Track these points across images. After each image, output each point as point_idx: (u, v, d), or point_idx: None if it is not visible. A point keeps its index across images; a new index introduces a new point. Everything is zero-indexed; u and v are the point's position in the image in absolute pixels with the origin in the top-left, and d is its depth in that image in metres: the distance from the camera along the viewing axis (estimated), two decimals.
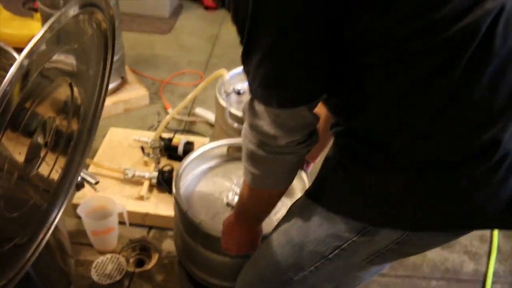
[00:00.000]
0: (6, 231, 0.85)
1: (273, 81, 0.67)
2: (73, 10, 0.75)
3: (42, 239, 0.99)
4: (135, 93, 2.42)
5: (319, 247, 0.84)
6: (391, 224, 0.76)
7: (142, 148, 1.88)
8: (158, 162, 1.83)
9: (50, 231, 1.02)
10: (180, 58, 2.98)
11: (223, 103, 1.53)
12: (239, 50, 0.73)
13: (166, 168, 1.80)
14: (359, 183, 0.76)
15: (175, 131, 2.17)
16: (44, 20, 2.07)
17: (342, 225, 0.79)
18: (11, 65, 0.93)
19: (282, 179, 0.83)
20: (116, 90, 2.38)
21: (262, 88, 0.69)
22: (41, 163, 0.89)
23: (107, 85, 1.08)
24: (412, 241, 0.77)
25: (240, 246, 1.00)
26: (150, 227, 1.76)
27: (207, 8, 3.67)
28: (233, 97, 1.63)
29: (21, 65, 0.62)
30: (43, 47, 0.67)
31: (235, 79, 1.68)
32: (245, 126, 0.78)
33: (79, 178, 1.18)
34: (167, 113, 2.38)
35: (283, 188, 0.86)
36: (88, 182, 1.24)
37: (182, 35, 3.28)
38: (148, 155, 1.84)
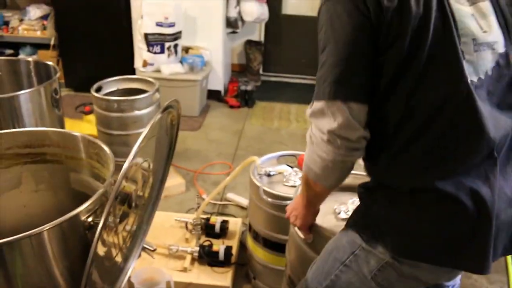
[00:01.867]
0: (101, 277, 1.09)
1: (339, 76, 0.91)
2: (159, 116, 1.07)
3: None
4: (173, 182, 2.72)
5: (340, 253, 1.06)
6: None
7: (186, 225, 2.12)
8: (199, 238, 2.07)
9: (122, 286, 1.25)
10: (210, 151, 3.32)
11: (257, 183, 1.81)
12: (262, 142, 1.05)
13: (206, 243, 2.03)
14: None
15: (211, 213, 2.44)
16: (99, 120, 2.44)
17: (356, 234, 1.03)
18: (97, 153, 1.24)
19: (336, 181, 1.05)
20: None
21: (330, 84, 0.92)
22: (127, 221, 1.16)
23: (170, 164, 1.38)
24: (408, 264, 0.96)
25: (296, 218, 1.27)
26: None
27: (231, 107, 4.12)
28: (265, 178, 1.90)
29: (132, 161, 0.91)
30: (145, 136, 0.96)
31: (265, 164, 1.98)
32: (315, 140, 0.98)
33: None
34: (202, 198, 2.65)
35: (334, 188, 1.08)
36: (147, 249, 1.48)
37: (210, 131, 3.67)
38: (191, 231, 2.08)
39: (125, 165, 0.91)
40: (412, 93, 0.91)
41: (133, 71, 3.77)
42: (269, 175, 1.92)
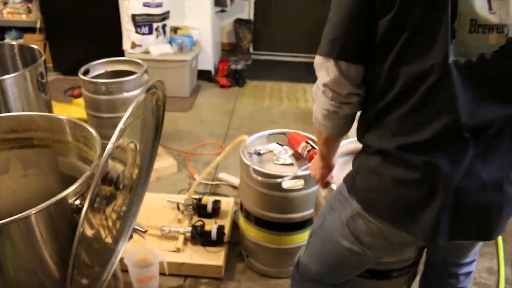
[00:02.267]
0: (91, 258, 1.10)
1: (336, 36, 1.00)
2: (143, 96, 1.07)
3: (110, 271, 1.23)
4: (164, 163, 2.72)
5: (331, 199, 1.23)
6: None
7: (178, 206, 2.14)
8: (191, 219, 2.08)
9: (114, 268, 1.26)
10: (201, 132, 3.32)
11: (247, 162, 1.81)
12: (253, 121, 1.06)
13: (199, 223, 2.05)
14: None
15: (203, 194, 2.45)
16: (88, 103, 2.42)
17: (343, 184, 1.16)
18: (84, 136, 1.24)
19: (335, 130, 1.16)
20: None
21: (328, 42, 1.01)
22: (115, 203, 1.16)
23: (158, 145, 1.38)
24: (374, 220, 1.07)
25: (316, 173, 1.39)
26: (186, 276, 1.97)
27: (222, 86, 4.09)
28: (255, 157, 1.91)
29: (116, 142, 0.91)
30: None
31: (255, 143, 1.98)
32: (316, 90, 1.08)
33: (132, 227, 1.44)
34: (194, 179, 2.66)
35: (340, 138, 1.22)
36: (139, 230, 1.49)
37: (201, 111, 3.66)
38: (183, 212, 2.09)
39: (109, 146, 0.91)
40: (395, 63, 0.96)
41: (122, 53, 3.72)
42: (259, 154, 1.93)
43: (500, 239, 2.23)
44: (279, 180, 1.72)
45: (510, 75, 0.95)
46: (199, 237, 1.99)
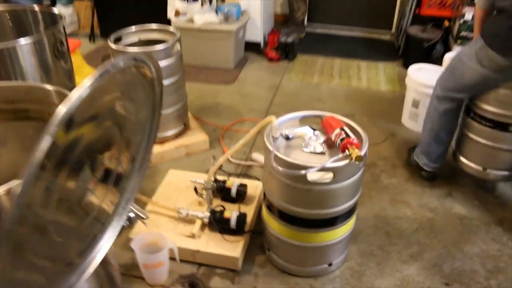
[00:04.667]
0: (61, 252, 0.97)
1: None
2: (122, 63, 0.89)
3: (91, 261, 1.10)
4: (196, 138, 2.58)
5: (465, 46, 2.10)
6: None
7: (195, 189, 1.99)
8: (210, 203, 1.93)
9: (99, 257, 1.13)
10: (242, 107, 3.14)
11: (270, 147, 1.61)
12: (298, 99, 0.83)
13: (218, 209, 1.89)
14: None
15: (229, 174, 2.28)
16: None
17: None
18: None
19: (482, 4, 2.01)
20: (179, 135, 2.56)
21: None
22: (91, 193, 1.02)
23: (157, 129, 1.21)
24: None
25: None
26: (200, 265, 1.83)
27: (270, 60, 3.87)
28: (282, 142, 1.70)
29: (64, 113, 0.73)
30: (87, 92, 0.78)
31: (285, 125, 1.77)
32: None
33: (132, 214, 1.30)
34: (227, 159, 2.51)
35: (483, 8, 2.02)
36: (140, 217, 1.35)
37: (245, 85, 3.47)
38: (201, 195, 1.95)
39: (62, 110, 0.72)
40: None
41: (168, 22, 3.59)
42: (287, 138, 1.72)
43: None
44: (303, 172, 1.51)
45: None
46: (217, 224, 1.84)
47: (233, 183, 2.03)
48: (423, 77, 2.70)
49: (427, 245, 1.97)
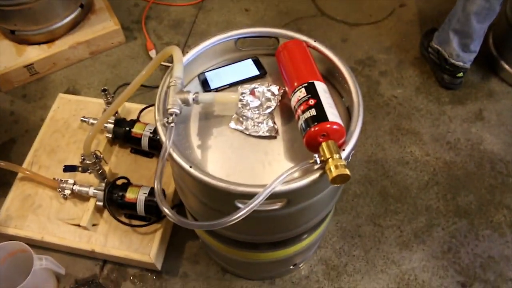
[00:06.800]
0: None
1: None
2: None
3: None
4: (103, 28, 1.69)
5: None
6: None
7: (82, 160, 1.19)
8: (103, 178, 1.20)
9: None
10: None
11: (163, 137, 0.82)
12: None
13: (119, 182, 1.20)
14: None
15: (149, 106, 1.42)
16: None
17: None
18: None
19: None
20: (75, 25, 1.67)
21: None
22: None
23: None
24: None
25: None
26: (105, 261, 1.23)
27: None
28: (192, 112, 0.89)
29: None
30: None
31: (201, 63, 0.91)
32: None
33: None
34: (150, 58, 1.67)
35: None
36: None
37: None
38: (81, 170, 1.19)
39: None
40: None
41: None
42: (197, 102, 0.86)
43: None
44: (224, 219, 0.76)
45: None
46: (116, 209, 1.17)
47: (144, 128, 1.27)
48: None
49: (439, 214, 1.33)
